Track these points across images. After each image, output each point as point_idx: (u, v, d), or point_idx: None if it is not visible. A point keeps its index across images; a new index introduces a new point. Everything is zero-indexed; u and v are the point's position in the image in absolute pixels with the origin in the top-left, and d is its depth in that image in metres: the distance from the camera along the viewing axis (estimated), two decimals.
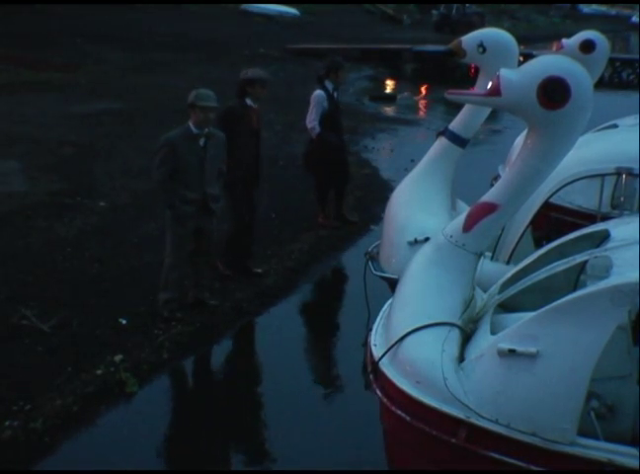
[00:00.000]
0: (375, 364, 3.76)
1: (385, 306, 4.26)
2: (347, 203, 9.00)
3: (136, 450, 4.85)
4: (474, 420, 3.32)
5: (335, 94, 8.14)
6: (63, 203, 8.52)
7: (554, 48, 7.07)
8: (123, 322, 6.03)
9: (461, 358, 3.53)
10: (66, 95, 14.87)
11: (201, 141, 5.89)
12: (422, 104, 20.65)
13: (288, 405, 5.29)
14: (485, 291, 4.20)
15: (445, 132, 5.70)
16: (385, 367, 3.70)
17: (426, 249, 4.02)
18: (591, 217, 5.54)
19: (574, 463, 3.16)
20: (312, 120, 8.01)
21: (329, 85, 8.06)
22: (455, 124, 5.67)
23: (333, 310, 6.84)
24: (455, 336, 3.61)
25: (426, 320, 3.64)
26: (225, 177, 6.24)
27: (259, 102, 6.82)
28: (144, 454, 4.85)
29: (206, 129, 5.90)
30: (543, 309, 3.30)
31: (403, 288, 3.97)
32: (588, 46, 6.91)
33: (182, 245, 6.04)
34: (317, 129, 8.04)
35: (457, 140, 5.66)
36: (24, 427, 4.73)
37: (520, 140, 6.86)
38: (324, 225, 8.54)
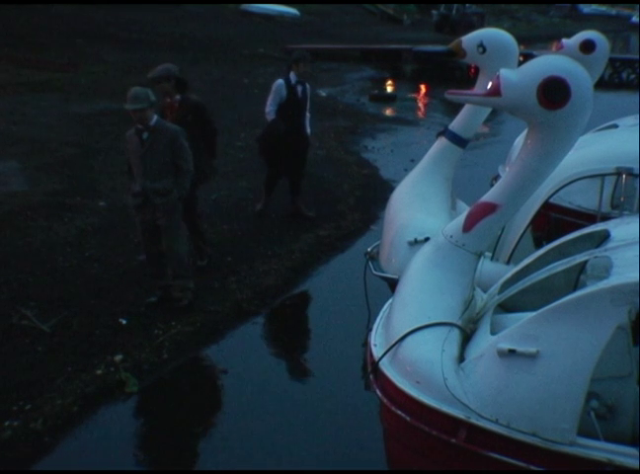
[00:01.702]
0: (375, 364, 3.77)
1: (385, 306, 4.26)
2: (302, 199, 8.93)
3: (136, 450, 4.86)
4: (474, 420, 3.32)
5: (298, 86, 8.22)
6: (63, 203, 8.53)
7: (554, 48, 7.04)
8: (123, 322, 6.04)
9: (461, 359, 3.53)
10: (66, 95, 14.87)
11: (144, 135, 5.93)
12: (422, 104, 20.65)
13: (288, 405, 5.29)
14: (485, 291, 4.20)
15: (445, 133, 5.71)
16: (385, 367, 3.70)
17: (426, 249, 4.02)
18: (591, 217, 5.54)
19: (574, 463, 3.16)
20: (268, 106, 8.24)
21: (292, 76, 8.20)
22: (455, 125, 5.68)
23: (333, 310, 6.84)
24: (455, 336, 3.61)
25: (426, 320, 3.64)
26: (189, 173, 6.05)
27: (169, 97, 6.64)
28: (144, 454, 4.85)
29: (152, 124, 5.88)
30: (543, 309, 3.30)
31: (403, 288, 3.97)
32: (588, 46, 6.91)
33: (141, 235, 6.24)
34: (271, 116, 8.22)
35: (457, 140, 5.66)
36: (24, 427, 4.73)
37: (519, 140, 6.88)
38: (259, 213, 8.70)
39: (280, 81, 8.18)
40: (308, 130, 8.53)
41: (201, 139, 6.74)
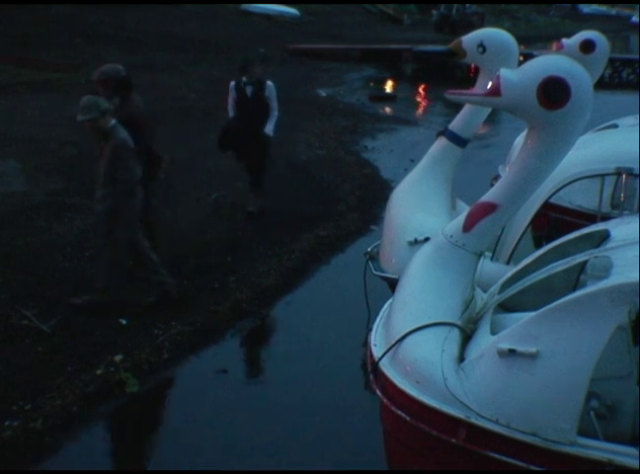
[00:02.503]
0: (375, 364, 3.76)
1: (385, 306, 4.26)
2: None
3: (136, 450, 4.86)
4: (474, 420, 3.32)
5: (248, 86, 8.40)
6: (63, 203, 8.52)
7: (554, 48, 7.06)
8: (123, 322, 6.03)
9: (461, 359, 3.53)
10: (66, 95, 14.84)
11: (102, 143, 5.92)
12: (422, 104, 20.65)
13: (288, 405, 5.29)
14: (485, 291, 4.20)
15: (445, 132, 5.71)
16: (385, 367, 3.70)
17: (426, 249, 4.02)
18: (591, 217, 5.54)
19: (574, 463, 3.15)
20: (228, 106, 8.62)
21: (243, 78, 8.46)
22: (455, 124, 5.68)
23: (333, 310, 6.84)
24: (455, 336, 3.61)
25: (426, 320, 3.64)
26: (122, 183, 5.89)
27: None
28: (144, 454, 4.86)
29: (107, 130, 5.86)
30: (543, 309, 3.30)
31: (403, 288, 3.97)
32: (588, 46, 6.91)
33: None
34: (230, 114, 8.59)
35: (457, 140, 5.66)
36: (24, 427, 4.73)
37: (520, 140, 6.87)
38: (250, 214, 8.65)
39: (232, 83, 8.54)
40: (268, 129, 8.47)
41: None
